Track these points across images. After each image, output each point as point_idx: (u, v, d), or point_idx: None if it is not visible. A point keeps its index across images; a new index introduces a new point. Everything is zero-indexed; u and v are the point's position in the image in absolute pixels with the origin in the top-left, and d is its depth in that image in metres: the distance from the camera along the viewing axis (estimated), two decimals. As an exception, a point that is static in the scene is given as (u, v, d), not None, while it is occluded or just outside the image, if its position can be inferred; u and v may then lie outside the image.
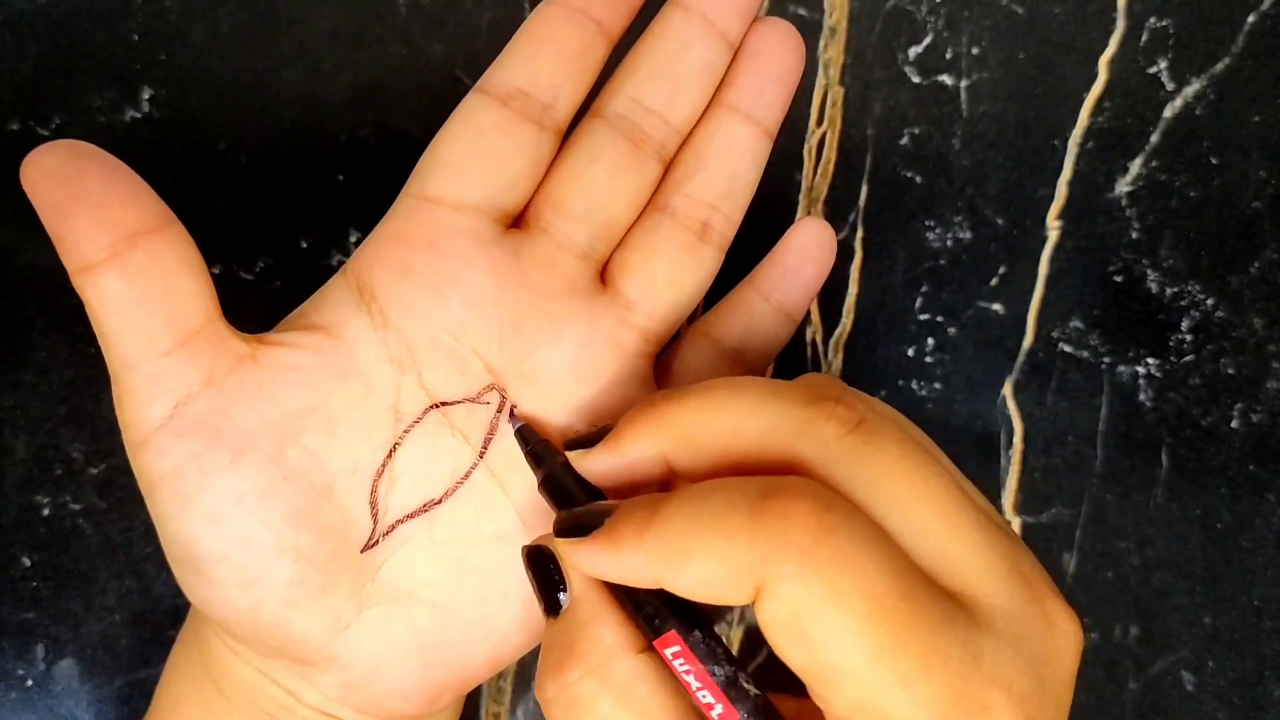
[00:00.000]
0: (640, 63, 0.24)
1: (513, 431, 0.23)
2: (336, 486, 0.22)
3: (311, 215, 0.29)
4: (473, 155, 0.23)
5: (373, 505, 0.22)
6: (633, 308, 0.24)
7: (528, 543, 0.20)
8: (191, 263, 0.21)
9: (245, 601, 0.21)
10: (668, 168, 0.25)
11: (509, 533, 0.23)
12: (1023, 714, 0.16)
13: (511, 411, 0.23)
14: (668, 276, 0.24)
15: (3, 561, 0.28)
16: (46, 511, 0.28)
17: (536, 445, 0.22)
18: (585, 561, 0.19)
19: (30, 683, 0.28)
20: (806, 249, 0.27)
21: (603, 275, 0.25)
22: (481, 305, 0.23)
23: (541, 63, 0.23)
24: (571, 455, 0.21)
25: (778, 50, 0.25)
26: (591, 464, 0.20)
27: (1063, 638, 0.18)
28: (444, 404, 0.23)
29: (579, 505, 0.20)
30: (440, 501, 0.23)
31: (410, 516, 0.23)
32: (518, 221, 0.24)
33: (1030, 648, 0.17)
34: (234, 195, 0.29)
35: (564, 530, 0.19)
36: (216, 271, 0.29)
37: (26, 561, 0.28)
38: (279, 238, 0.29)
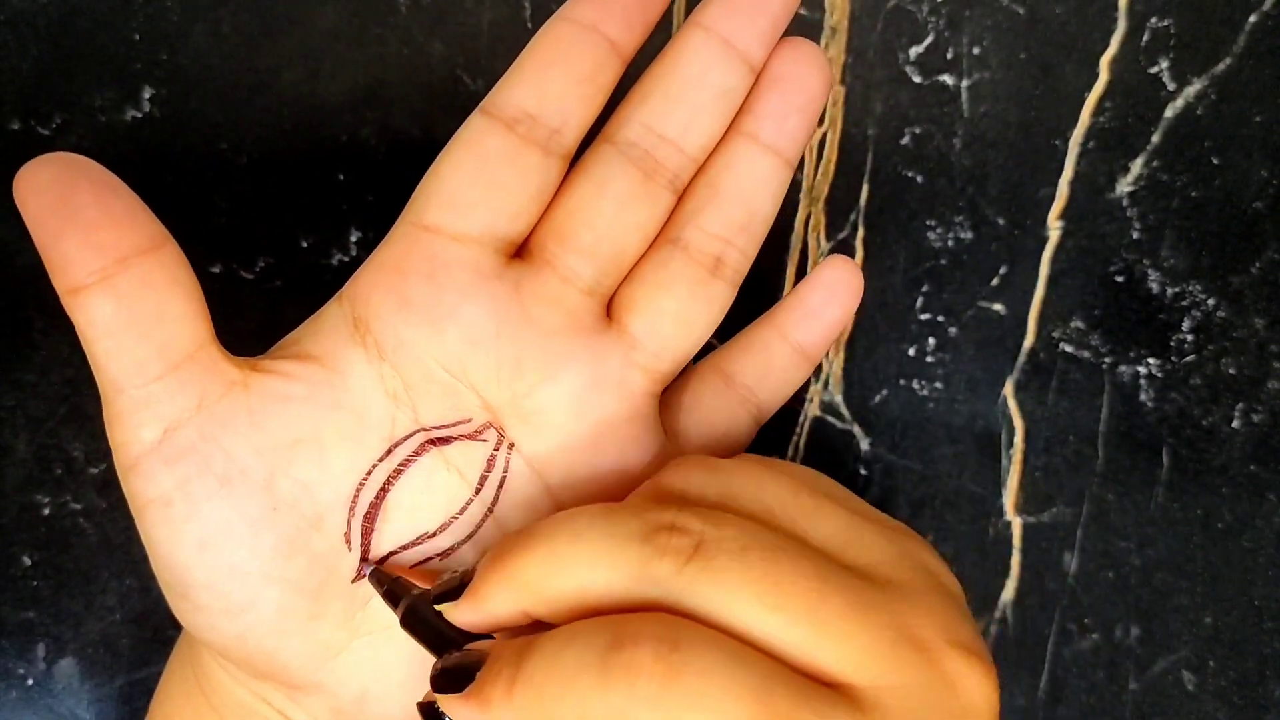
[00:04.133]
0: (655, 87, 0.23)
1: (366, 575, 0.22)
2: (328, 517, 0.21)
3: (312, 215, 0.29)
4: (475, 183, 0.22)
5: (365, 535, 0.22)
6: (638, 346, 0.23)
7: (419, 700, 0.20)
8: (184, 285, 0.20)
9: (233, 629, 0.21)
10: (681, 197, 0.24)
11: None
12: None
13: (363, 557, 0.22)
14: (676, 314, 0.23)
15: (3, 561, 0.28)
16: (47, 511, 0.29)
17: (391, 584, 0.22)
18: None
19: (31, 682, 0.28)
20: (832, 290, 0.25)
21: (609, 307, 0.24)
22: (480, 342, 0.22)
23: (550, 84, 0.22)
24: (442, 608, 0.20)
25: (803, 76, 0.23)
26: (459, 618, 0.20)
27: (968, 693, 0.17)
28: (438, 441, 0.22)
29: (446, 640, 0.20)
30: (434, 535, 0.23)
31: (403, 549, 0.22)
32: (521, 250, 0.23)
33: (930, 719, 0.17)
34: (234, 195, 0.29)
35: (440, 684, 0.19)
36: (217, 270, 0.29)
37: (27, 561, 0.28)
38: (279, 237, 0.29)
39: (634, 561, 0.18)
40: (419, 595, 0.21)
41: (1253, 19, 0.30)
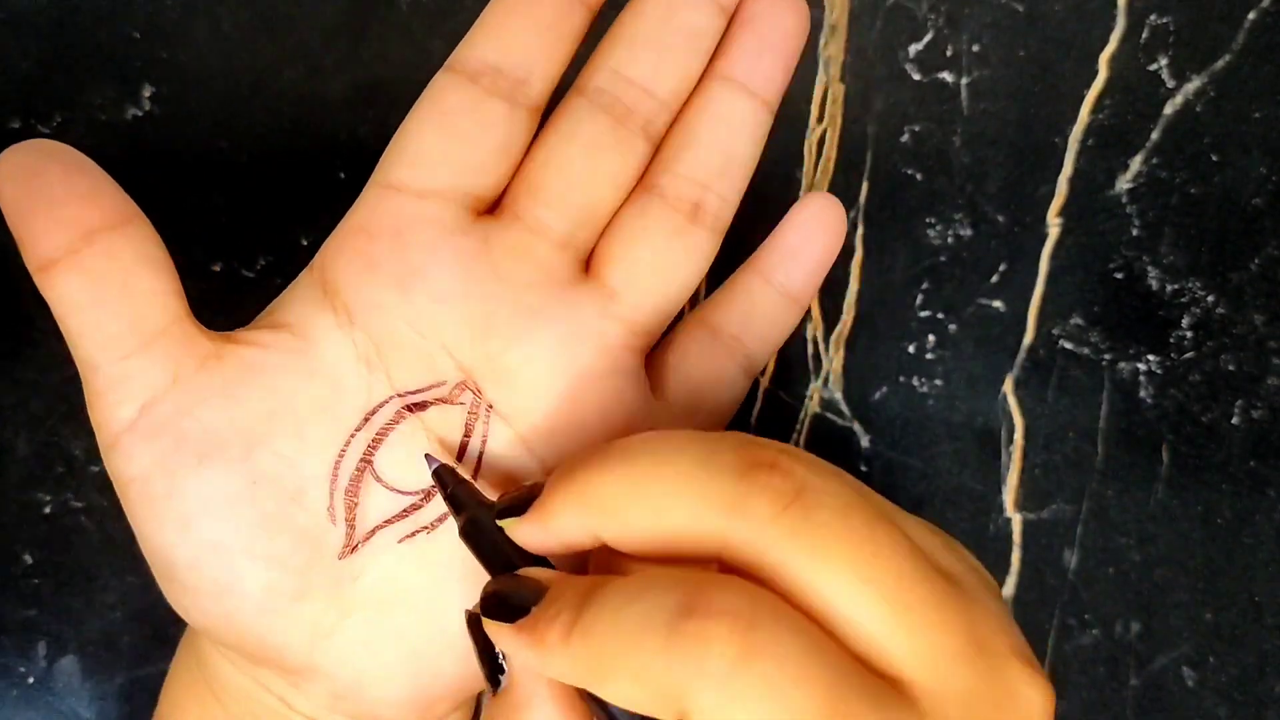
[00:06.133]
0: (622, 31, 0.23)
1: (430, 472, 0.21)
2: (310, 492, 0.21)
3: (312, 213, 0.29)
4: (438, 138, 0.22)
5: (349, 508, 0.22)
6: (616, 298, 0.23)
7: (468, 608, 0.19)
8: (154, 259, 0.20)
9: (220, 610, 0.21)
10: (658, 146, 0.23)
11: None
12: None
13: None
14: (654, 263, 0.23)
15: (4, 559, 0.28)
16: (48, 509, 0.28)
17: (456, 488, 0.21)
18: (512, 652, 0.18)
19: (32, 680, 0.28)
20: (810, 227, 0.25)
21: (588, 265, 0.23)
22: (449, 300, 0.22)
23: (512, 35, 0.22)
24: (503, 524, 0.19)
25: (777, 15, 0.23)
26: (522, 535, 0.19)
27: (1029, 705, 0.16)
28: (414, 407, 0.22)
29: (504, 559, 0.19)
30: (420, 506, 0.22)
31: (389, 522, 0.22)
32: (494, 209, 0.23)
33: None
34: (235, 193, 0.29)
35: (490, 608, 0.18)
36: (217, 269, 0.29)
37: (28, 559, 0.28)
38: (279, 236, 0.29)
39: (726, 496, 0.16)
40: (484, 508, 0.20)
41: (1252, 16, 0.30)
